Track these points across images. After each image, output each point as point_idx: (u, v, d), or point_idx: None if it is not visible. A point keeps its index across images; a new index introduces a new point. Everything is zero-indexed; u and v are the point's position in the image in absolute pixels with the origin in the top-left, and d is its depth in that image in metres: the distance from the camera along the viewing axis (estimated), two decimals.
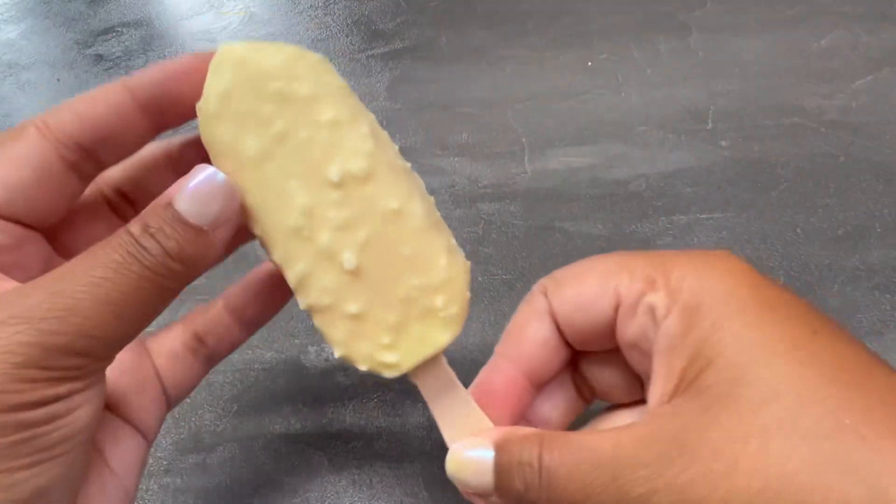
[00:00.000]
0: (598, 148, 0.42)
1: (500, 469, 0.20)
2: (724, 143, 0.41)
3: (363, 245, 0.21)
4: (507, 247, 0.37)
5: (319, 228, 0.21)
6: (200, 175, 0.20)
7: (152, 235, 0.19)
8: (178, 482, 0.31)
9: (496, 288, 0.35)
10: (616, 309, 0.22)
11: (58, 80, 0.58)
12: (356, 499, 0.29)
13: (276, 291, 0.26)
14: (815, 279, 0.34)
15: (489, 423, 0.23)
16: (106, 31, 0.62)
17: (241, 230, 0.22)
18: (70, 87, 0.57)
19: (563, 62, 0.49)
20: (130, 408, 0.23)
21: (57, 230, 0.23)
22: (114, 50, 0.60)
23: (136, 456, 0.23)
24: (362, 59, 0.52)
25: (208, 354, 0.26)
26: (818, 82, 0.43)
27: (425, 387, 0.23)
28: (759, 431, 0.17)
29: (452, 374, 0.23)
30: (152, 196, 0.24)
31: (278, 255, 0.21)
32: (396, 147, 0.22)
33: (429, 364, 0.22)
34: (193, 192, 0.20)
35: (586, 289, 0.22)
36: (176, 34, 0.61)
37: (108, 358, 0.20)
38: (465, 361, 0.33)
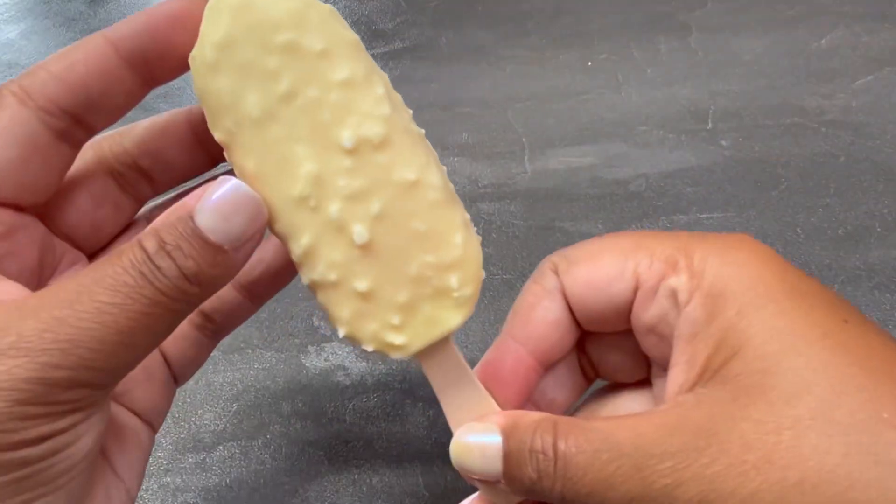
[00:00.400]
0: (598, 148, 0.42)
1: (510, 456, 0.19)
2: (724, 143, 0.41)
3: (375, 218, 0.20)
4: (507, 247, 0.37)
5: (328, 198, 0.19)
6: (224, 186, 0.18)
7: (168, 253, 0.17)
8: (178, 482, 0.31)
9: (496, 288, 0.35)
10: (634, 291, 0.21)
11: None
12: (356, 499, 0.29)
13: (287, 263, 0.23)
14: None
15: (497, 408, 0.22)
16: None
17: None
18: None
19: (563, 62, 0.49)
20: (138, 397, 0.22)
21: (52, 208, 0.21)
22: None
23: (141, 452, 0.22)
24: None
25: (216, 329, 0.25)
26: (818, 82, 0.43)
27: (431, 369, 0.22)
28: (792, 423, 0.16)
29: (461, 356, 0.22)
30: (172, 169, 0.22)
31: (281, 226, 0.20)
32: (410, 111, 0.21)
33: (437, 346, 0.21)
34: (216, 206, 0.17)
35: (602, 269, 0.21)
36: None
37: (112, 386, 0.18)
38: (466, 361, 0.33)
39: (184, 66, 0.19)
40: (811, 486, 0.16)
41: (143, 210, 0.24)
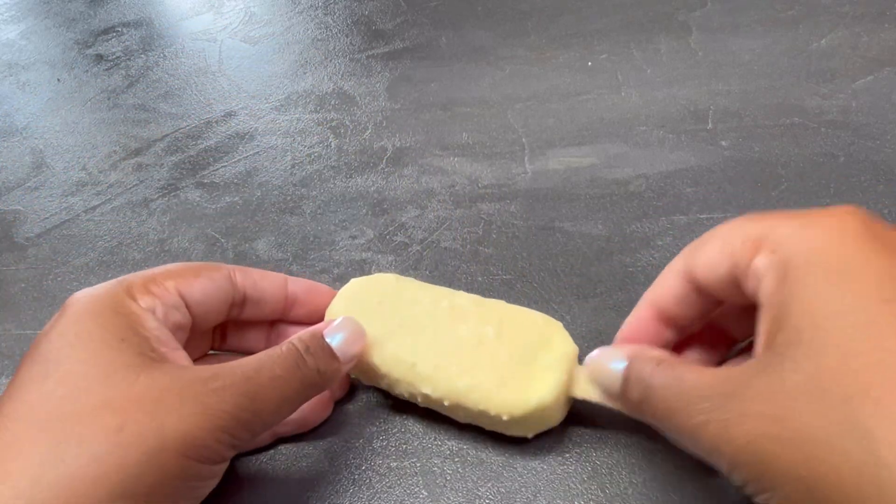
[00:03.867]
0: (598, 148, 0.42)
1: (625, 380, 0.24)
2: (724, 143, 0.41)
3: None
4: (507, 247, 0.37)
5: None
6: (349, 323, 0.28)
7: (311, 353, 0.26)
8: None
9: (496, 288, 0.35)
10: (734, 270, 0.23)
11: (58, 80, 0.58)
12: (356, 499, 0.29)
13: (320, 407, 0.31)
14: None
15: None
16: (106, 31, 0.62)
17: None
18: (70, 87, 0.57)
19: (563, 62, 0.49)
20: None
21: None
22: (114, 50, 0.60)
23: None
24: (362, 59, 0.52)
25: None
26: (818, 82, 0.43)
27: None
28: (804, 378, 0.18)
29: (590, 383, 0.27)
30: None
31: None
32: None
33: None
34: (342, 335, 0.27)
35: (708, 254, 0.24)
36: (176, 34, 0.61)
37: (250, 440, 0.25)
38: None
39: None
40: (789, 438, 0.18)
41: None
